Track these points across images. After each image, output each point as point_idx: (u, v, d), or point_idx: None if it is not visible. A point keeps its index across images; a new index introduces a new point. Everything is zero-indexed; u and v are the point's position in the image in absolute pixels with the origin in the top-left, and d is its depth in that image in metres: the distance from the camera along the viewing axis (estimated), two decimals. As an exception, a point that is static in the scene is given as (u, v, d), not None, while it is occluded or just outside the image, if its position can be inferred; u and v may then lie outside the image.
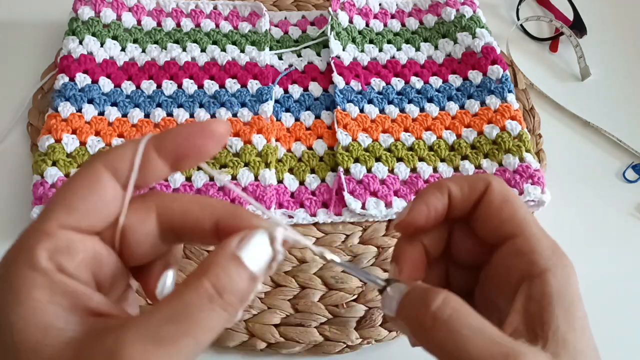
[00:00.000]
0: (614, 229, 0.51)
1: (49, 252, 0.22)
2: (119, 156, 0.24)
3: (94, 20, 0.56)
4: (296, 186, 0.50)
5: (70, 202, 0.23)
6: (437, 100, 0.55)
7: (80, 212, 0.23)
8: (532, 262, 0.26)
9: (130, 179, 0.23)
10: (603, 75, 0.61)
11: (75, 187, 0.23)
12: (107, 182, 0.24)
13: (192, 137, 0.24)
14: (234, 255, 0.22)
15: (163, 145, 0.24)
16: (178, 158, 0.24)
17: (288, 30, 0.60)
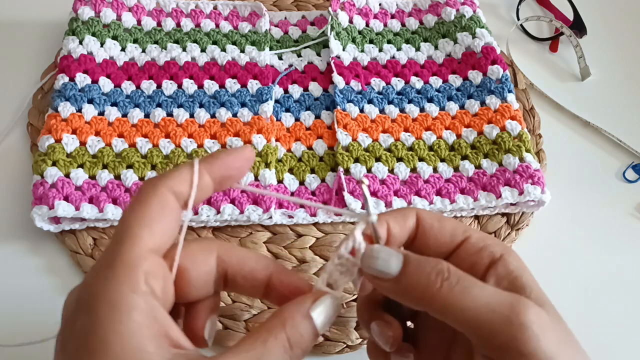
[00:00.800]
0: (614, 229, 0.51)
1: (145, 275, 0.24)
2: (179, 179, 0.26)
3: (94, 20, 0.56)
4: (296, 186, 0.50)
5: (150, 223, 0.25)
6: (437, 100, 0.55)
7: (159, 235, 0.25)
8: (490, 252, 0.29)
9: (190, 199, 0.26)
10: (603, 75, 0.61)
11: (150, 209, 0.25)
12: (173, 203, 0.26)
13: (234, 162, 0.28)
14: (307, 315, 0.26)
15: (212, 169, 0.27)
16: (223, 179, 0.27)
17: (288, 30, 0.60)
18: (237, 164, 0.28)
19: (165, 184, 0.26)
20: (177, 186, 0.26)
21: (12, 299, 0.45)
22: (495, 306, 0.25)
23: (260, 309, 0.45)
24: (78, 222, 0.47)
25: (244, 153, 0.28)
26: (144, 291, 0.23)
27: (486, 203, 0.49)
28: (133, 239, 0.24)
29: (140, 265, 0.24)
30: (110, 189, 0.48)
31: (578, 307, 0.47)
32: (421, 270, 0.27)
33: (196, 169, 0.26)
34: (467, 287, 0.26)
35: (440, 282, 0.26)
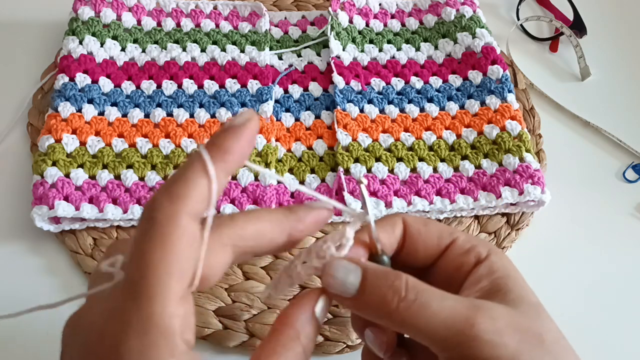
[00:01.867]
0: (614, 229, 0.51)
1: (180, 331, 0.22)
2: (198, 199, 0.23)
3: (94, 20, 0.56)
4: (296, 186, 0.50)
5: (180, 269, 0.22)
6: (437, 100, 0.55)
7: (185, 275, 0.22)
8: (477, 252, 0.29)
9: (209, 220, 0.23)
10: (603, 75, 0.61)
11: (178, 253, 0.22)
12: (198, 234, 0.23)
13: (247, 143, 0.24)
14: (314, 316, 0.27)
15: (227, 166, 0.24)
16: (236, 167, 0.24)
17: (288, 30, 0.60)
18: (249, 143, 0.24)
19: (186, 211, 0.22)
20: (196, 207, 0.23)
21: (12, 299, 0.45)
22: (450, 321, 0.26)
23: (260, 309, 0.45)
24: (78, 222, 0.47)
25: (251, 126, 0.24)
26: (182, 351, 0.22)
27: (486, 203, 0.49)
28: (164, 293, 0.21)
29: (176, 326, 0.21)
30: (110, 189, 0.48)
31: (578, 306, 0.47)
32: (378, 288, 0.26)
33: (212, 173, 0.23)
34: (424, 303, 0.26)
35: (397, 300, 0.26)
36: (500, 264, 0.29)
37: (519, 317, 0.27)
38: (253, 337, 0.43)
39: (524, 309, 0.27)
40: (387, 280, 0.27)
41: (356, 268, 0.27)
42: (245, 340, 0.43)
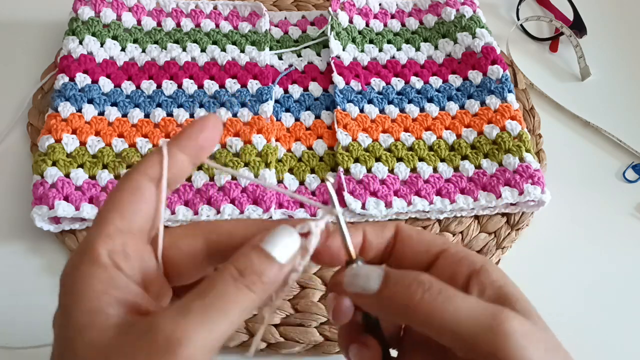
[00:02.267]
0: (614, 229, 0.51)
1: (108, 251, 0.25)
2: (150, 162, 0.27)
3: (94, 20, 0.56)
4: (296, 186, 0.50)
5: (119, 207, 0.26)
6: (437, 100, 0.55)
7: (129, 215, 0.26)
8: (470, 262, 0.29)
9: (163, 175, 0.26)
10: (603, 75, 0.61)
11: (120, 195, 0.26)
12: (145, 186, 0.26)
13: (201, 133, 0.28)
14: (255, 245, 0.25)
15: (182, 144, 0.27)
16: (197, 152, 0.28)
17: (288, 30, 0.60)
18: (205, 134, 0.28)
19: (137, 169, 0.27)
20: (149, 169, 0.27)
21: (12, 299, 0.45)
22: (478, 316, 0.25)
23: (260, 309, 0.45)
24: (78, 222, 0.47)
25: (208, 121, 0.28)
26: (105, 264, 0.24)
27: (486, 203, 0.49)
28: (100, 223, 0.25)
29: (101, 242, 0.25)
30: (111, 189, 0.48)
31: (578, 306, 0.47)
32: (402, 282, 0.26)
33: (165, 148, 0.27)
34: (450, 297, 0.26)
35: (422, 293, 0.26)
36: (497, 275, 0.28)
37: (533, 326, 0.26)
38: (253, 337, 0.43)
39: (535, 319, 0.26)
40: (410, 274, 0.27)
41: (378, 268, 0.27)
42: (245, 340, 0.43)
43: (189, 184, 0.49)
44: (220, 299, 0.24)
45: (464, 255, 0.29)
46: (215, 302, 0.23)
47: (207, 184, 0.49)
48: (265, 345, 0.43)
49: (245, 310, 0.24)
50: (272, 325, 0.44)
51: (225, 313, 0.24)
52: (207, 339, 0.23)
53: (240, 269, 0.24)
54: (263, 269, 0.25)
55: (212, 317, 0.23)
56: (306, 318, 0.44)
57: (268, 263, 0.25)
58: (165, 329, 0.22)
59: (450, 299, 0.26)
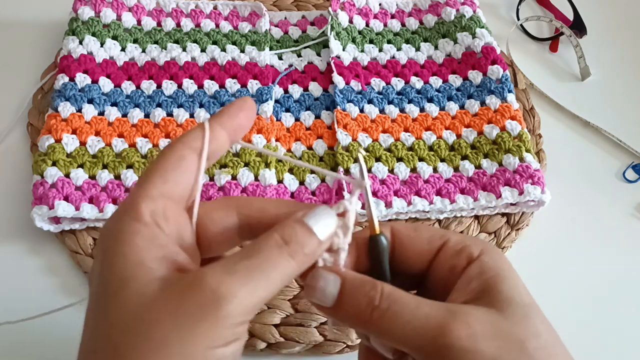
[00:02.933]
0: (614, 229, 0.51)
1: (150, 211, 0.26)
2: (194, 136, 0.28)
3: (94, 20, 0.56)
4: (296, 186, 0.50)
5: (164, 172, 0.27)
6: (437, 100, 0.55)
7: (172, 181, 0.27)
8: (468, 253, 0.29)
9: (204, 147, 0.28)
10: (603, 75, 0.61)
11: (165, 162, 0.27)
12: (189, 156, 0.27)
13: (241, 111, 0.29)
14: (299, 219, 0.26)
15: (224, 121, 0.29)
16: (235, 129, 0.29)
17: (288, 30, 0.60)
18: (244, 112, 0.29)
19: (181, 141, 0.28)
20: (192, 142, 0.28)
21: (12, 299, 0.45)
22: (423, 330, 0.26)
23: (260, 309, 0.45)
24: (78, 222, 0.47)
25: (245, 102, 0.29)
26: (147, 222, 0.25)
27: (486, 203, 0.49)
28: (143, 185, 0.26)
29: (144, 202, 0.26)
30: (110, 189, 0.48)
31: (578, 306, 0.47)
32: (354, 298, 0.27)
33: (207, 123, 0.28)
34: (397, 312, 0.26)
35: (371, 310, 0.27)
36: (492, 263, 0.28)
37: (503, 321, 0.26)
38: (253, 337, 0.43)
39: (511, 311, 0.26)
40: (363, 289, 0.27)
41: (335, 278, 0.28)
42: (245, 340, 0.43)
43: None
44: (265, 263, 0.25)
45: (462, 246, 0.29)
46: (260, 264, 0.24)
47: (207, 184, 0.49)
48: (265, 345, 0.43)
49: (285, 277, 0.25)
50: (272, 325, 0.44)
51: (267, 277, 0.25)
52: (249, 300, 0.24)
53: (285, 237, 0.26)
54: (306, 241, 0.26)
55: (256, 278, 0.24)
56: (306, 318, 0.44)
57: (310, 237, 0.26)
58: (212, 284, 0.23)
59: (399, 314, 0.26)
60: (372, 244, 0.30)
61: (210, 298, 0.23)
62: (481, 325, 0.26)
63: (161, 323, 0.23)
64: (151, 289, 0.24)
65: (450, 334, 0.25)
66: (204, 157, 0.28)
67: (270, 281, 0.25)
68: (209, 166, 0.28)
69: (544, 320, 0.27)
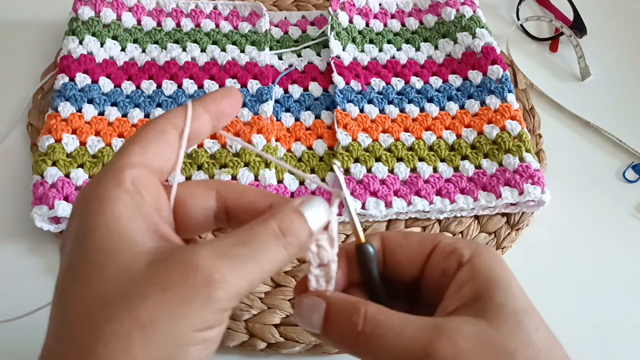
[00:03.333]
0: (614, 229, 0.51)
1: (132, 178, 0.25)
2: (176, 114, 0.28)
3: (94, 20, 0.56)
4: (296, 186, 0.50)
5: (145, 143, 0.26)
6: (437, 100, 0.55)
7: (153, 152, 0.26)
8: (459, 255, 0.28)
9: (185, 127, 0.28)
10: (603, 75, 0.61)
11: (146, 134, 0.27)
12: (170, 131, 0.27)
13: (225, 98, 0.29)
14: (297, 209, 0.26)
15: (207, 104, 0.28)
16: (218, 115, 0.29)
17: (288, 30, 0.60)
18: (228, 99, 0.29)
19: (163, 116, 0.28)
20: (174, 119, 0.27)
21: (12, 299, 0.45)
22: (409, 352, 0.25)
23: (260, 309, 0.45)
24: (78, 222, 0.47)
25: (230, 91, 0.30)
26: (129, 189, 0.25)
27: (486, 203, 0.49)
28: (124, 152, 0.26)
29: (126, 168, 0.25)
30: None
31: (578, 306, 0.47)
32: (338, 324, 0.27)
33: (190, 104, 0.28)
34: (381, 335, 0.26)
35: (355, 335, 0.26)
36: (484, 266, 0.28)
37: (492, 333, 0.25)
38: (253, 337, 0.43)
39: (502, 320, 0.26)
40: (345, 315, 0.27)
41: (321, 303, 0.28)
42: (245, 340, 0.43)
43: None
44: (261, 253, 0.24)
45: (453, 248, 0.29)
46: (255, 254, 0.24)
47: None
48: (265, 345, 0.43)
49: (276, 267, 0.25)
50: (272, 325, 0.44)
51: (261, 266, 0.24)
52: (239, 287, 0.24)
53: (282, 228, 0.25)
54: (302, 233, 0.26)
55: (249, 267, 0.24)
56: (306, 318, 0.44)
57: (306, 229, 0.26)
58: (205, 268, 0.23)
59: (382, 338, 0.26)
60: (359, 254, 0.29)
61: (202, 282, 0.23)
62: (468, 341, 0.25)
63: (150, 301, 0.22)
64: (138, 265, 0.23)
65: (436, 354, 0.25)
66: (185, 135, 0.27)
67: (262, 270, 0.25)
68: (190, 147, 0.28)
69: (539, 326, 0.26)
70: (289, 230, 0.25)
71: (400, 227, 0.50)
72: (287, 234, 0.25)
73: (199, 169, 0.50)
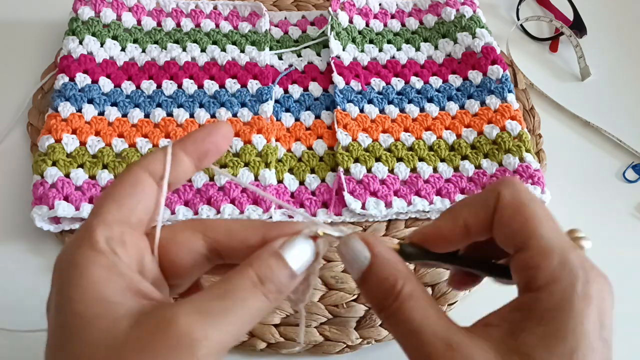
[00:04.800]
0: (614, 229, 0.51)
1: (106, 238, 0.25)
2: (153, 159, 0.27)
3: (94, 20, 0.56)
4: (296, 186, 0.50)
5: (119, 198, 0.26)
6: (437, 100, 0.55)
7: (128, 207, 0.26)
8: (533, 277, 0.27)
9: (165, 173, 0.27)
10: (603, 75, 0.61)
11: (120, 187, 0.26)
12: (146, 181, 0.26)
13: (209, 137, 0.28)
14: (276, 252, 0.26)
15: (187, 147, 0.27)
16: (200, 156, 0.28)
17: (288, 30, 0.60)
18: (212, 139, 0.28)
19: (139, 164, 0.27)
20: (151, 165, 0.27)
21: (12, 299, 0.45)
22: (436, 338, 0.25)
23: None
24: (78, 222, 0.47)
25: (219, 128, 0.28)
26: (104, 249, 0.24)
27: (486, 203, 0.49)
28: (97, 212, 0.25)
29: (99, 228, 0.25)
30: (110, 189, 0.48)
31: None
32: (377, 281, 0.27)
33: (169, 148, 0.27)
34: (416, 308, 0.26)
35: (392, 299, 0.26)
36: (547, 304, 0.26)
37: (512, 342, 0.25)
38: (253, 337, 0.43)
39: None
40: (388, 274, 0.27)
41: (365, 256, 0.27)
42: (245, 340, 0.43)
43: (189, 184, 0.49)
44: (239, 304, 0.24)
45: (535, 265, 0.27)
46: (234, 307, 0.24)
47: (207, 184, 0.49)
48: (265, 345, 0.43)
49: (258, 316, 0.25)
50: (272, 325, 0.44)
51: (242, 318, 0.24)
52: (223, 341, 0.23)
53: (260, 276, 0.25)
54: (282, 279, 0.25)
55: (230, 321, 0.24)
56: (306, 318, 0.44)
57: (287, 273, 0.25)
58: (184, 326, 0.22)
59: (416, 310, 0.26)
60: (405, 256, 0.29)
61: (183, 341, 0.22)
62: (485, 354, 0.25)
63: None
64: (119, 329, 0.23)
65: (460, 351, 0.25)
66: (164, 183, 0.27)
67: (244, 322, 0.24)
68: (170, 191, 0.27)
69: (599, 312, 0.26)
70: (267, 278, 0.25)
71: (400, 227, 0.50)
72: (265, 282, 0.25)
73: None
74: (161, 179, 0.27)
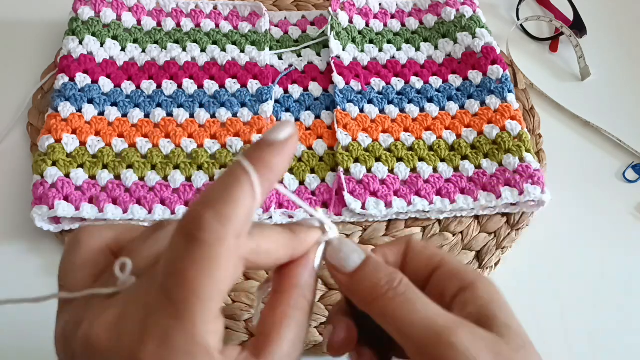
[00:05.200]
0: (614, 229, 0.51)
1: (218, 347, 0.24)
2: (243, 221, 0.23)
3: (94, 20, 0.56)
4: (296, 186, 0.50)
5: (221, 288, 0.23)
6: (437, 100, 0.55)
7: (224, 296, 0.24)
8: (462, 278, 0.29)
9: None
10: (603, 75, 0.61)
11: (221, 272, 0.23)
12: (238, 254, 0.24)
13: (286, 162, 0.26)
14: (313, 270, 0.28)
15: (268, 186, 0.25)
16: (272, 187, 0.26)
17: (288, 30, 0.60)
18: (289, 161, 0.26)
19: (233, 233, 0.23)
20: (240, 228, 0.23)
21: (12, 299, 0.45)
22: (431, 324, 0.26)
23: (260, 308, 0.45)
24: (78, 222, 0.47)
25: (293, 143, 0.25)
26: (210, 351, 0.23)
27: (486, 203, 0.49)
28: (206, 315, 0.23)
29: (215, 342, 0.23)
30: (110, 189, 0.48)
31: (578, 306, 0.47)
32: (375, 273, 0.27)
33: (258, 195, 0.23)
34: (411, 299, 0.26)
35: (388, 288, 0.27)
36: (486, 291, 0.28)
37: (502, 344, 0.26)
38: (253, 337, 0.43)
39: (510, 338, 0.26)
40: (387, 269, 0.28)
41: (361, 251, 0.28)
42: (245, 340, 0.43)
43: (189, 185, 0.49)
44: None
45: (457, 272, 0.29)
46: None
47: (208, 184, 0.49)
48: (265, 345, 0.43)
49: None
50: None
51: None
52: None
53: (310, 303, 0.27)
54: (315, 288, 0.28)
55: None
56: (306, 318, 0.44)
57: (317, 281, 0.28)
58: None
59: (412, 301, 0.26)
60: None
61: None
62: (484, 340, 0.25)
63: None
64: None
65: (457, 335, 0.25)
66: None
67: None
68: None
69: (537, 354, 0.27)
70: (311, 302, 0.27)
71: (400, 227, 0.50)
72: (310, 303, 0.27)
73: (199, 169, 0.50)
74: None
